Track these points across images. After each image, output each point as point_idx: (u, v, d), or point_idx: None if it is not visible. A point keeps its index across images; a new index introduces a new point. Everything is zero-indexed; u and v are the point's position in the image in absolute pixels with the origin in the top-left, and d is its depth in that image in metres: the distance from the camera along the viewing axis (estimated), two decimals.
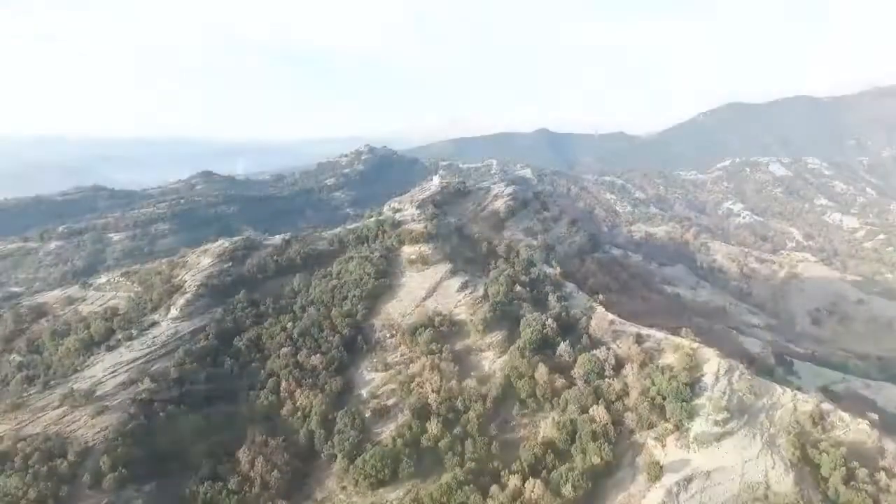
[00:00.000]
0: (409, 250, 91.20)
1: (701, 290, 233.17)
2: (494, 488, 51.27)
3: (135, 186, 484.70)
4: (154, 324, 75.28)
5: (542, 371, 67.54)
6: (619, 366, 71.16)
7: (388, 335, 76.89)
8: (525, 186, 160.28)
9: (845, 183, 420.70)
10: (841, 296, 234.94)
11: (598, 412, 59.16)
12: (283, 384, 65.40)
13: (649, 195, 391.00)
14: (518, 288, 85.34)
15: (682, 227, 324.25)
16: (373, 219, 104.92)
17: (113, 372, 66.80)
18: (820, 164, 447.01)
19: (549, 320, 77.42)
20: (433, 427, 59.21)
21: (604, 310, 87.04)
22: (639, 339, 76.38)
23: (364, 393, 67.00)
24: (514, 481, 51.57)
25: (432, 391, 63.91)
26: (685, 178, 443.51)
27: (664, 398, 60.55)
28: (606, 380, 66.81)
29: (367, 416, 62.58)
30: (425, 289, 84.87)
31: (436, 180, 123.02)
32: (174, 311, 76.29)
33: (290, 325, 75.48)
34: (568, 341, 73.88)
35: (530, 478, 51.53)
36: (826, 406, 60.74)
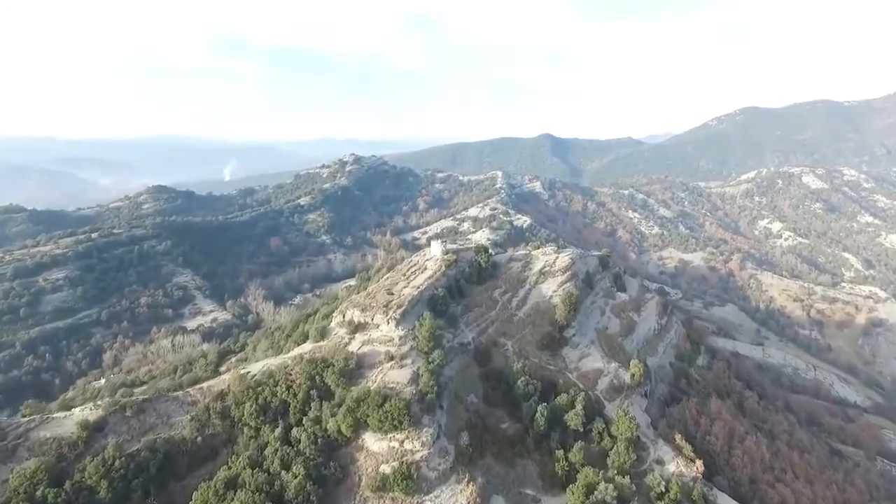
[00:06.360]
0: (376, 449, 39.41)
1: (770, 347, 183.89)
2: None
3: (115, 191, 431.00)
4: None
5: None
6: None
7: None
8: (582, 249, 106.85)
9: (888, 197, 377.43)
10: None
11: None
12: None
13: (675, 212, 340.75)
14: None
15: (720, 253, 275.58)
16: (307, 346, 48.64)
17: None
18: (857, 176, 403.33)
19: None
20: None
21: None
22: None
23: None
24: None
25: None
26: (711, 190, 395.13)
27: None
28: None
29: None
30: None
31: (436, 249, 66.75)
32: None
33: None
34: None
35: None
36: None
